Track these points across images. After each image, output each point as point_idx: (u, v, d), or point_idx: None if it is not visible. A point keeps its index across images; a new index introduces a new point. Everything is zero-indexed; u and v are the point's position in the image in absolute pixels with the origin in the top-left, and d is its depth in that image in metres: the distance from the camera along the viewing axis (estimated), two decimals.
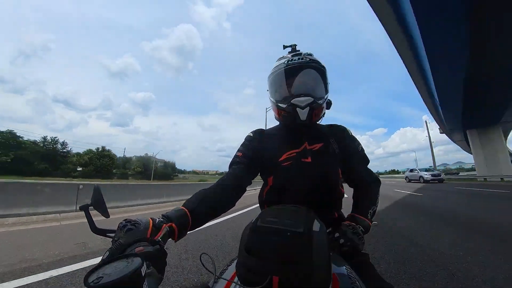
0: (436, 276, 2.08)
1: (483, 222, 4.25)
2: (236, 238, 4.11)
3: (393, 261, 2.44)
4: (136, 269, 0.34)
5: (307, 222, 0.47)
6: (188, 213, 0.65)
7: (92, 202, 0.56)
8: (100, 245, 2.87)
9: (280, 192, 0.85)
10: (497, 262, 2.36)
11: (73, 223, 4.30)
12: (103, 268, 0.36)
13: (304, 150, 0.85)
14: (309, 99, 0.76)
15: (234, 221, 4.56)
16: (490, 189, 11.61)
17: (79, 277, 2.02)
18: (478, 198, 8.13)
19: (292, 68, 0.80)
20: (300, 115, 0.76)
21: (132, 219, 0.54)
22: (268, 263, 0.42)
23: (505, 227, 3.82)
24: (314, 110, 0.78)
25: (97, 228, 0.54)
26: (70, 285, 1.90)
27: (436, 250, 2.76)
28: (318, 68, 0.81)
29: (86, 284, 0.33)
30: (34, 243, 3.00)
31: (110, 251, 0.46)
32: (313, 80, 0.81)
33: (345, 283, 0.53)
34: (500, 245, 2.92)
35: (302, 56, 0.82)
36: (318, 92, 0.81)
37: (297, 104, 0.76)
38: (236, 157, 0.89)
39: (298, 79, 0.80)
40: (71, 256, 2.55)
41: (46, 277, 2.02)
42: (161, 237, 0.54)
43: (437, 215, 5.07)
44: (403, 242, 3.12)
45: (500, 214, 4.96)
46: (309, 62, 0.80)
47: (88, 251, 2.72)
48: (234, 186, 0.81)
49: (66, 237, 3.37)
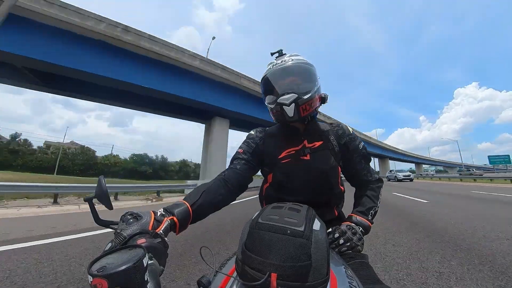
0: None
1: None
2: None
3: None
4: (138, 260, 0.35)
5: (307, 221, 0.48)
6: (189, 207, 0.66)
7: (96, 194, 0.57)
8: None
9: (279, 189, 0.88)
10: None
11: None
12: (106, 258, 0.37)
13: (303, 148, 0.87)
14: (292, 96, 0.79)
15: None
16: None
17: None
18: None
19: (275, 71, 0.85)
20: (287, 112, 0.79)
21: (134, 212, 0.55)
22: (267, 260, 0.42)
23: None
24: (301, 105, 0.80)
25: (100, 219, 0.55)
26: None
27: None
28: (300, 66, 0.85)
29: (90, 273, 0.33)
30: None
31: (112, 242, 0.47)
32: (296, 78, 0.84)
33: (343, 283, 0.54)
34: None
35: (285, 58, 0.87)
36: (302, 88, 0.83)
37: (282, 103, 0.79)
38: (238, 153, 0.92)
39: (281, 79, 0.85)
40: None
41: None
42: (163, 230, 0.55)
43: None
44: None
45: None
46: (293, 62, 0.84)
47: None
48: (234, 180, 0.83)
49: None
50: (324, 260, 0.45)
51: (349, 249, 0.73)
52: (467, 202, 7.02)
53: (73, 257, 2.47)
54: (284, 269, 0.41)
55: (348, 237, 0.74)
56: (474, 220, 4.26)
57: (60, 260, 2.38)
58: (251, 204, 6.80)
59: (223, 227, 3.90)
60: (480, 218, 4.43)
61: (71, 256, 2.52)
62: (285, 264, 0.41)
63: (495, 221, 4.15)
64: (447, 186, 15.15)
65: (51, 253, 2.59)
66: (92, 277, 0.33)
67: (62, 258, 2.43)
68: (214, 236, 3.35)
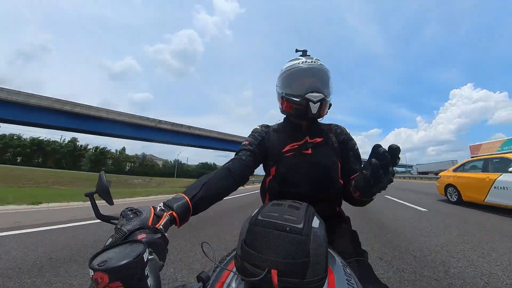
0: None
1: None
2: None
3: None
4: (139, 255, 0.35)
5: (306, 218, 0.48)
6: (189, 200, 0.66)
7: (97, 189, 0.57)
8: None
9: (282, 182, 0.90)
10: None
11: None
12: (107, 253, 0.37)
13: (305, 142, 0.92)
14: (320, 96, 0.84)
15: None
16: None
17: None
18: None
19: (308, 68, 0.90)
20: (312, 109, 0.84)
21: (134, 208, 0.55)
22: (266, 256, 0.43)
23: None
24: (323, 106, 0.86)
25: (101, 214, 0.55)
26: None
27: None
28: (326, 71, 0.92)
29: (91, 267, 0.34)
30: None
31: (113, 237, 0.47)
32: (323, 80, 0.91)
33: (341, 280, 0.54)
34: None
35: (314, 59, 0.92)
36: (326, 91, 0.90)
37: (310, 99, 0.83)
38: (243, 145, 0.96)
39: (311, 77, 0.90)
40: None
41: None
42: (162, 225, 0.55)
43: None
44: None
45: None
46: (320, 65, 0.91)
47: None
48: (239, 170, 0.86)
49: None
50: (323, 257, 0.45)
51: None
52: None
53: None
54: (283, 265, 0.42)
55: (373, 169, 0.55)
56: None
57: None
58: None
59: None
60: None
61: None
62: (283, 261, 0.42)
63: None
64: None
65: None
66: (93, 271, 0.33)
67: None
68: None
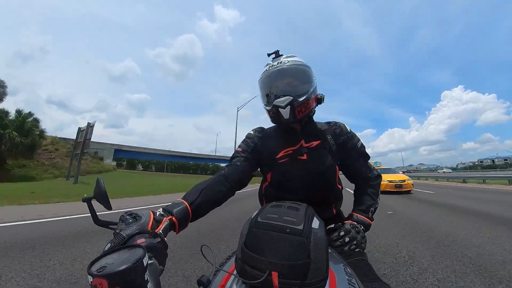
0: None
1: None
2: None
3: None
4: (138, 260, 0.35)
5: (306, 219, 0.48)
6: (188, 205, 0.66)
7: (94, 194, 0.56)
8: None
9: (278, 188, 0.90)
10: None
11: None
12: (105, 258, 0.37)
13: (300, 147, 0.88)
14: (288, 98, 0.78)
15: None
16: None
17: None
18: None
19: (271, 73, 0.84)
20: (283, 114, 0.79)
21: (133, 212, 0.54)
22: (267, 258, 0.43)
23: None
24: (296, 107, 0.80)
25: (99, 219, 0.54)
26: None
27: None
28: (296, 67, 0.84)
29: (90, 273, 0.33)
30: None
31: (111, 242, 0.46)
32: (292, 80, 0.84)
33: (342, 281, 0.54)
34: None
35: (281, 60, 0.86)
36: (298, 90, 0.83)
37: (278, 105, 0.79)
38: (237, 152, 0.93)
39: (277, 81, 0.85)
40: None
41: None
42: (162, 230, 0.54)
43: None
44: None
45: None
46: (288, 65, 0.83)
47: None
48: (235, 176, 0.85)
49: None
50: (323, 258, 0.45)
51: (356, 248, 0.75)
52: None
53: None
54: (284, 267, 0.41)
55: (353, 236, 0.76)
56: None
57: None
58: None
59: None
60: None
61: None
62: (284, 263, 0.42)
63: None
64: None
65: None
66: (92, 277, 0.32)
67: None
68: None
